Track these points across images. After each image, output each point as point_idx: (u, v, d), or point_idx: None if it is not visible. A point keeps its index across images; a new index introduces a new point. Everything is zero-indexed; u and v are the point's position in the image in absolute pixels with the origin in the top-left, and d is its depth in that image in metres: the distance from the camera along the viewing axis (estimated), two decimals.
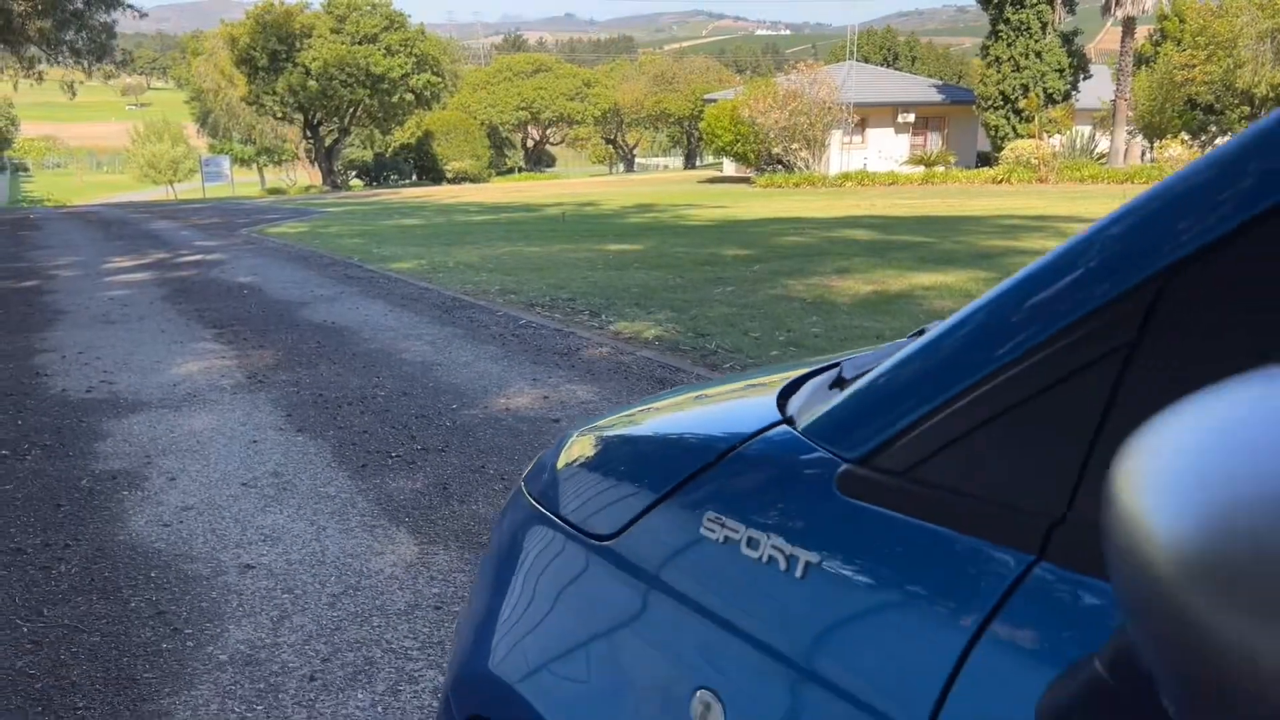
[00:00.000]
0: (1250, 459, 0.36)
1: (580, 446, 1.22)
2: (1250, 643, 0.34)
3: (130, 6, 33.96)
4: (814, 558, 0.75)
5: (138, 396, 5.41)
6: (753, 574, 0.79)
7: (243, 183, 50.44)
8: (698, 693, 0.79)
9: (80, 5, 32.01)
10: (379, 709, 2.33)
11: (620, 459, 1.11)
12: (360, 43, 45.84)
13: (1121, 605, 0.41)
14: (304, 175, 55.76)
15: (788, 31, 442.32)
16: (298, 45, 45.09)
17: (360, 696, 2.38)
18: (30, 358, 6.53)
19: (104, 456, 4.34)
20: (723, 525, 0.84)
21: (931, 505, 0.70)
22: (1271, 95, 31.06)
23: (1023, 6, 31.85)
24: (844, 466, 0.77)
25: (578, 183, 41.52)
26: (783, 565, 0.77)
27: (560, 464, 1.22)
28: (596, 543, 1.00)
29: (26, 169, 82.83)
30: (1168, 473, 0.39)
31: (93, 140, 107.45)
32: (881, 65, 60.05)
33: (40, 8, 30.29)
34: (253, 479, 3.98)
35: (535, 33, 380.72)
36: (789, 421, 0.88)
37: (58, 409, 5.18)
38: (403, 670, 2.50)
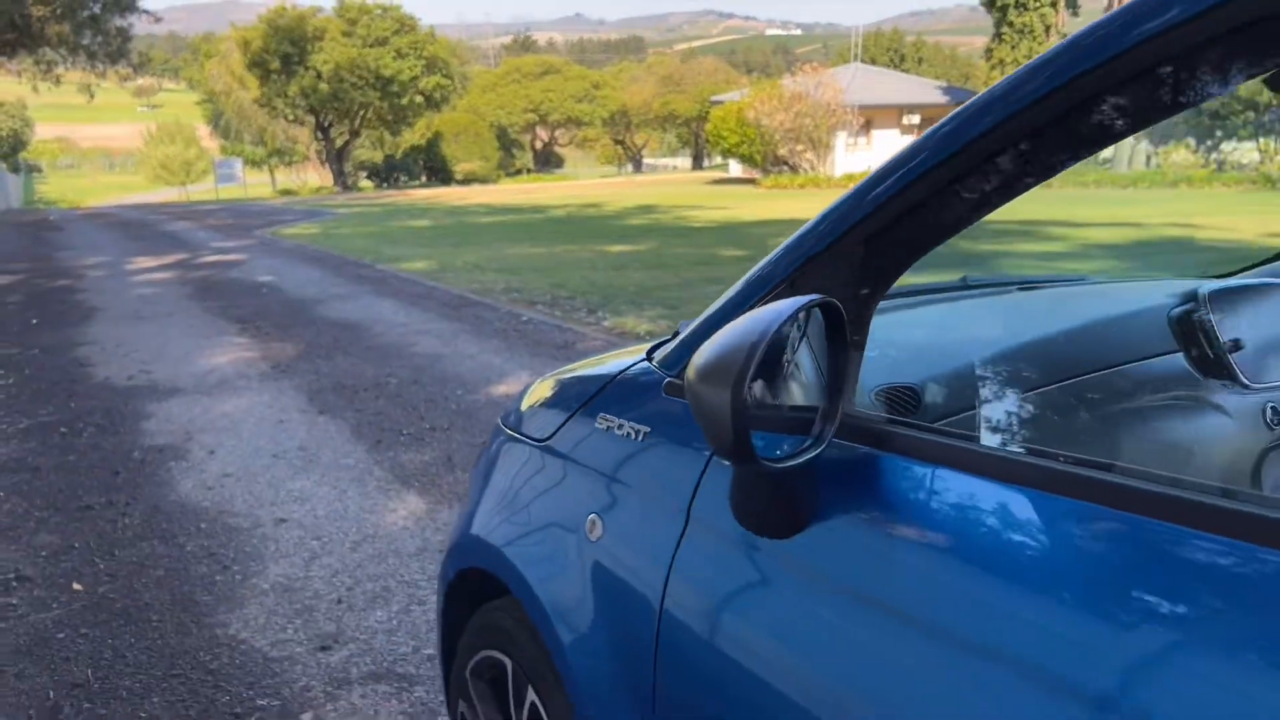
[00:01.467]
0: (729, 329, 0.91)
1: (539, 389, 1.77)
2: (704, 398, 0.89)
3: (145, 11, 34.70)
4: (647, 429, 1.29)
5: (174, 384, 5.98)
6: (618, 443, 1.34)
7: (254, 184, 51.14)
8: (589, 516, 1.33)
9: (96, 10, 32.72)
10: (394, 623, 2.88)
11: (560, 391, 1.65)
12: (371, 46, 46.53)
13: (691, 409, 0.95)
14: (315, 176, 56.44)
15: (798, 31, 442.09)
16: (309, 48, 45.75)
17: (379, 614, 2.93)
18: (73, 350, 7.12)
19: (150, 433, 4.91)
20: (607, 420, 1.38)
21: None
22: (1275, 101, 31.37)
23: (1026, 9, 32.31)
24: (667, 379, 1.31)
25: (585, 184, 42.09)
26: (632, 436, 1.31)
27: (524, 404, 1.77)
28: (541, 443, 1.55)
29: (40, 170, 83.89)
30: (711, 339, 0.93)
31: (105, 141, 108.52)
32: (888, 66, 60.37)
33: (58, 12, 31.03)
34: (282, 452, 4.54)
35: (545, 33, 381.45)
36: (651, 360, 1.43)
37: (104, 394, 5.75)
38: (413, 596, 3.04)
